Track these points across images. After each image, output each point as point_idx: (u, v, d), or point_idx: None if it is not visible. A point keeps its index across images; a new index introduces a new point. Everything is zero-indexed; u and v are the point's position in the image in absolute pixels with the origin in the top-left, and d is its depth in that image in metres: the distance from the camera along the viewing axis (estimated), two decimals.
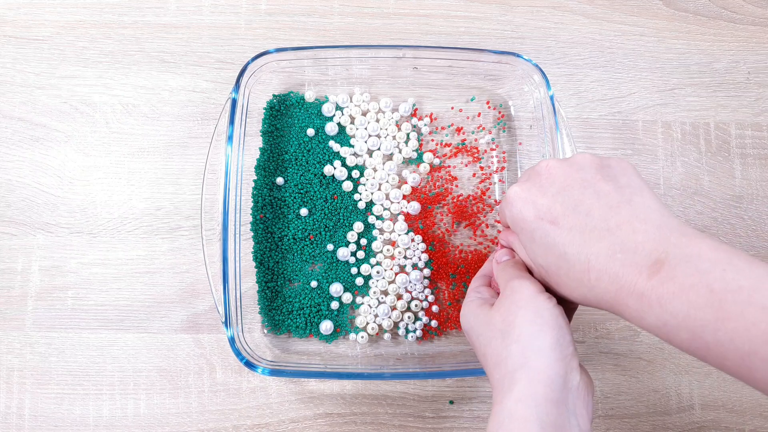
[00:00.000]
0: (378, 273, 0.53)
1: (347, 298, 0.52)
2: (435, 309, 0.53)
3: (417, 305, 0.53)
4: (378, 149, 0.55)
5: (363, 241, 0.54)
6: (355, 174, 0.54)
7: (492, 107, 0.56)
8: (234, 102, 0.49)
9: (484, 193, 0.55)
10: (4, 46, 0.56)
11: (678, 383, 0.53)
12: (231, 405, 0.51)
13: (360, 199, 0.54)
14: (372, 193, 0.54)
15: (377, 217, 0.54)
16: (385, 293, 0.53)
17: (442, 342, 0.53)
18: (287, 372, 0.47)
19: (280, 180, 0.53)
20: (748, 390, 0.53)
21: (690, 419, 0.52)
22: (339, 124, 0.55)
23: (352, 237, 0.53)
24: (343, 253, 0.53)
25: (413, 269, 0.53)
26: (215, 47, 0.57)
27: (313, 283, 0.52)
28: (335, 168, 0.54)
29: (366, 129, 0.55)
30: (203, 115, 0.55)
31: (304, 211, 0.53)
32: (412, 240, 0.53)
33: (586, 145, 0.57)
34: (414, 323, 0.52)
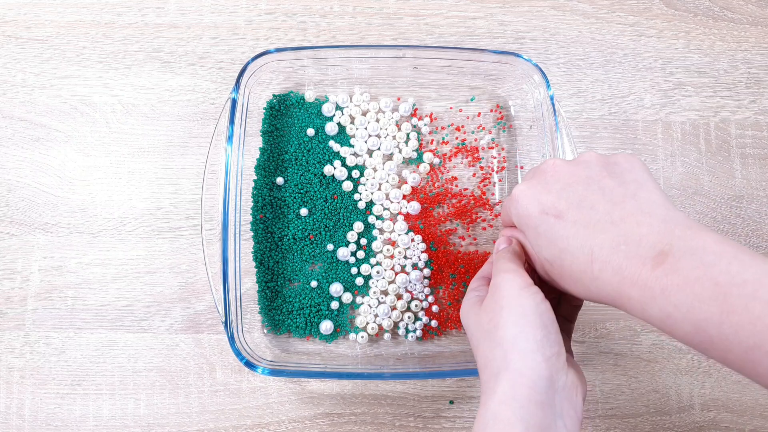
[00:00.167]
0: (378, 273, 0.53)
1: (347, 298, 0.52)
2: (435, 309, 0.53)
3: (417, 305, 0.53)
4: (378, 149, 0.55)
5: (363, 241, 0.54)
6: (355, 174, 0.54)
7: (492, 107, 0.56)
8: (234, 102, 0.49)
9: (484, 193, 0.55)
10: (4, 46, 0.56)
11: (678, 383, 0.53)
12: (231, 405, 0.51)
13: (360, 199, 0.54)
14: (372, 193, 0.54)
15: (377, 217, 0.54)
16: (385, 293, 0.53)
17: (442, 342, 0.53)
18: (287, 372, 0.47)
19: (280, 180, 0.53)
20: (748, 390, 0.53)
21: (690, 419, 0.52)
22: (339, 124, 0.55)
23: (352, 237, 0.53)
24: (343, 253, 0.53)
25: (413, 269, 0.53)
26: (215, 47, 0.57)
27: (313, 283, 0.52)
28: (335, 168, 0.54)
29: (366, 129, 0.55)
30: (203, 115, 0.55)
31: (304, 211, 0.53)
32: (412, 240, 0.53)
33: (586, 145, 0.57)
34: (414, 323, 0.52)
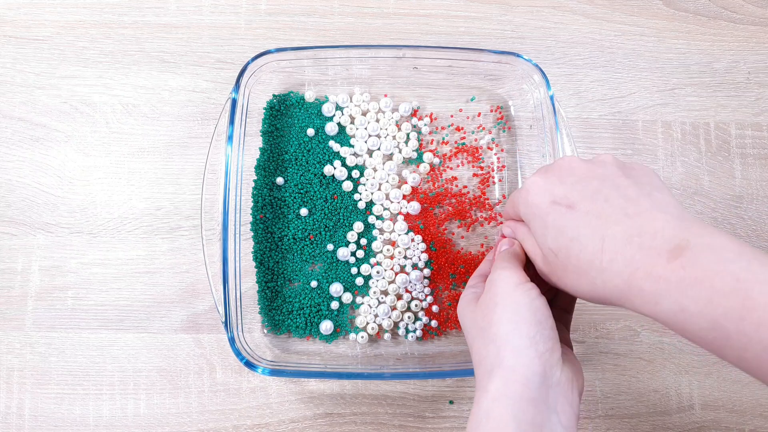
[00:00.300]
0: (378, 273, 0.53)
1: (347, 298, 0.52)
2: (435, 309, 0.53)
3: (417, 305, 0.53)
4: (378, 149, 0.55)
5: (363, 241, 0.54)
6: (355, 174, 0.54)
7: (492, 108, 0.56)
8: (234, 102, 0.49)
9: (484, 193, 0.55)
10: (4, 46, 0.56)
11: (678, 383, 0.53)
12: (231, 405, 0.51)
13: (360, 199, 0.54)
14: (372, 193, 0.54)
15: (377, 217, 0.54)
16: (385, 293, 0.53)
17: (442, 342, 0.53)
18: (287, 372, 0.47)
19: (280, 180, 0.53)
20: (748, 390, 0.53)
21: (690, 419, 0.52)
22: (339, 124, 0.55)
23: (352, 237, 0.53)
24: (343, 253, 0.53)
25: (413, 269, 0.53)
26: (215, 47, 0.57)
27: (313, 283, 0.52)
28: (335, 168, 0.54)
29: (366, 129, 0.55)
30: (203, 115, 0.55)
31: (304, 211, 0.53)
32: (412, 240, 0.53)
33: (586, 145, 0.57)
34: (414, 323, 0.52)
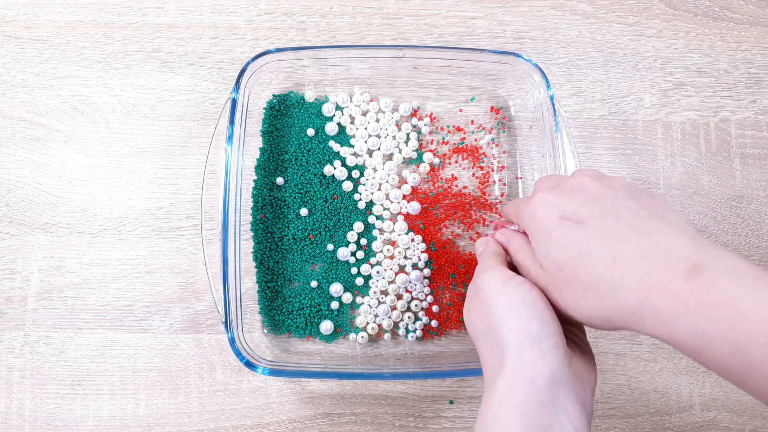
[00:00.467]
0: (378, 273, 0.53)
1: (347, 298, 0.52)
2: (435, 309, 0.53)
3: (417, 305, 0.53)
4: (378, 149, 0.55)
5: (363, 241, 0.54)
6: (355, 174, 0.54)
7: (492, 107, 0.56)
8: (234, 102, 0.49)
9: (484, 193, 0.55)
10: (4, 46, 0.56)
11: (678, 383, 0.53)
12: (231, 405, 0.51)
13: (360, 199, 0.54)
14: (372, 193, 0.54)
15: (377, 217, 0.54)
16: (385, 293, 0.53)
17: (442, 342, 0.53)
18: (287, 372, 0.47)
19: (280, 180, 0.53)
20: None
21: (690, 419, 0.52)
22: (339, 124, 0.55)
23: (352, 237, 0.53)
24: (343, 253, 0.53)
25: (413, 269, 0.53)
26: (215, 47, 0.57)
27: (313, 283, 0.52)
28: (335, 168, 0.54)
29: (366, 129, 0.55)
30: (203, 115, 0.55)
31: (304, 211, 0.53)
32: (412, 240, 0.53)
33: (586, 145, 0.57)
34: (414, 323, 0.52)
